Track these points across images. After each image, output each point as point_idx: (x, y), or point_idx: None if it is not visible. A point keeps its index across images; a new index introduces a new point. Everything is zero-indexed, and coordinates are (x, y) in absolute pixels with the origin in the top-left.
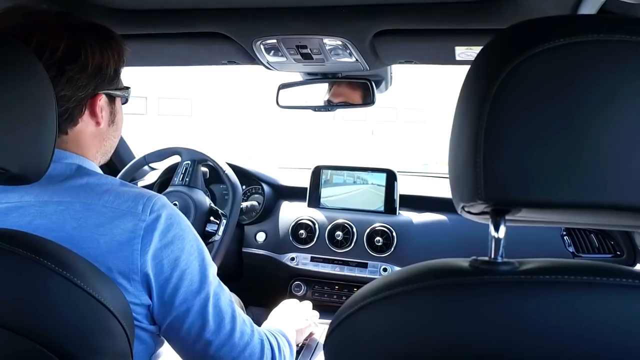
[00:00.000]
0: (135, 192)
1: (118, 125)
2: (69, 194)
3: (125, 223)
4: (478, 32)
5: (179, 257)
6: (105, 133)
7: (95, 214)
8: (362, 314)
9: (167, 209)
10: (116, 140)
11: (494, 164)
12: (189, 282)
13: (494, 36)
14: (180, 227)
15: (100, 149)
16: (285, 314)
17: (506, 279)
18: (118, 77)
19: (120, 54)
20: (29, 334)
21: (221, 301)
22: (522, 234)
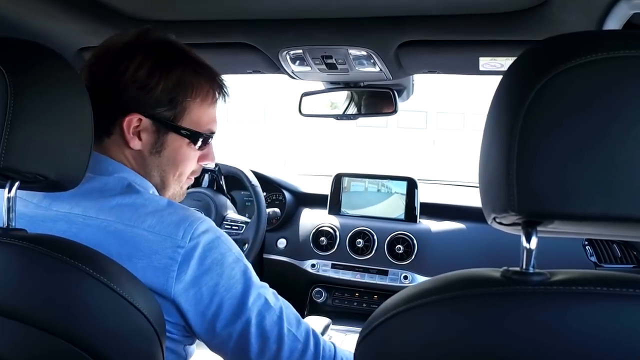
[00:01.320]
0: (179, 215)
1: (170, 160)
2: (113, 213)
3: (164, 249)
4: (503, 43)
5: (218, 283)
6: (147, 159)
7: (136, 238)
8: (393, 322)
9: (207, 235)
10: (172, 178)
11: (527, 175)
12: (228, 306)
13: (522, 47)
14: (219, 252)
15: (148, 175)
16: None
17: (538, 290)
18: (174, 106)
19: (182, 84)
20: (66, 335)
21: (266, 321)
22: (544, 244)
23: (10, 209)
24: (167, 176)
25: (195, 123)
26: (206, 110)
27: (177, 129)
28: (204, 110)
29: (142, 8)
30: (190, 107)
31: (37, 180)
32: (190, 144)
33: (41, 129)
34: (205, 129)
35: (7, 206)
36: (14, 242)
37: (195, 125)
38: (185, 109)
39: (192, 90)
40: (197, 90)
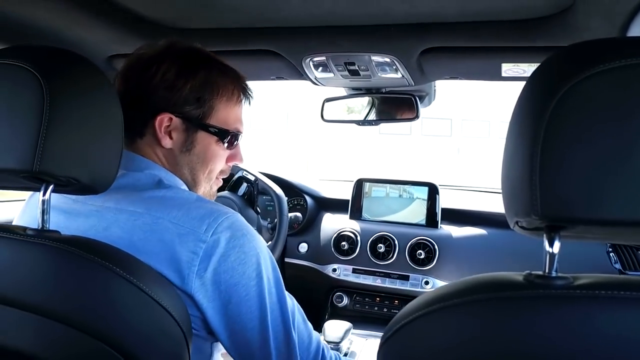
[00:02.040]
0: (205, 209)
1: (199, 157)
2: (142, 205)
3: (186, 242)
4: (525, 49)
5: (238, 283)
6: (178, 157)
7: (161, 229)
8: (415, 325)
9: (230, 230)
10: (202, 175)
11: (550, 180)
12: (247, 308)
13: (545, 53)
14: (243, 250)
15: (179, 172)
16: None
17: (561, 294)
18: (201, 105)
19: (208, 84)
20: (95, 333)
21: (280, 326)
22: (566, 251)
23: (44, 211)
24: (197, 174)
25: (223, 121)
26: (232, 109)
27: (205, 126)
28: (230, 109)
29: (170, 17)
30: (217, 106)
31: (70, 184)
32: (219, 142)
33: (75, 133)
34: (232, 127)
35: (42, 208)
36: (48, 243)
37: (223, 124)
38: (212, 108)
39: (218, 89)
40: (222, 90)
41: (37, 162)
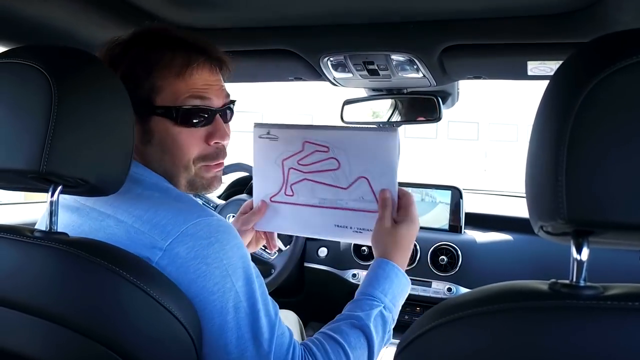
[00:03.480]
0: (174, 212)
1: (162, 146)
2: (112, 206)
3: (143, 249)
4: (552, 46)
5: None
6: (144, 152)
7: (121, 233)
8: (433, 334)
9: (194, 239)
10: (173, 166)
11: (578, 181)
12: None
13: (573, 50)
14: (205, 262)
15: (152, 167)
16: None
17: (590, 304)
18: (140, 87)
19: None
20: (101, 339)
21: (250, 348)
22: (595, 256)
23: (52, 212)
24: (167, 165)
25: (171, 99)
26: (181, 80)
27: (152, 110)
28: (175, 82)
29: (185, 17)
30: (159, 84)
31: (78, 185)
32: (174, 123)
33: (83, 134)
34: (183, 101)
35: (50, 210)
36: (55, 245)
37: (172, 101)
38: (154, 87)
39: (154, 64)
40: (159, 63)
41: (45, 163)
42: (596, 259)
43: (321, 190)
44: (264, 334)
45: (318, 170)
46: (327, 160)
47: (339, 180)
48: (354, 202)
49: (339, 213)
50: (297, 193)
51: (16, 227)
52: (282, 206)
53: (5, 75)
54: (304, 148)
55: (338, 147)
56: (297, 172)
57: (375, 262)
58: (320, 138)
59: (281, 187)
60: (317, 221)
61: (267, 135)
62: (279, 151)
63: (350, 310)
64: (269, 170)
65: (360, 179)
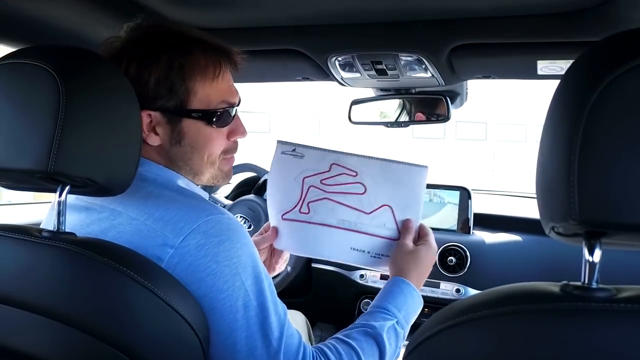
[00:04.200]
0: (186, 210)
1: (193, 147)
2: (123, 203)
3: (154, 247)
4: (563, 45)
5: (206, 295)
6: (170, 152)
7: (132, 231)
8: (442, 336)
9: (204, 236)
10: (201, 163)
11: (590, 181)
12: (214, 322)
13: (584, 49)
14: (215, 260)
15: (176, 167)
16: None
17: (602, 307)
18: (174, 93)
19: (173, 68)
20: (108, 339)
21: (260, 347)
22: (608, 257)
23: (60, 212)
24: (195, 163)
25: (205, 102)
26: (212, 85)
27: (187, 113)
28: (209, 85)
29: (193, 17)
30: (193, 88)
31: (86, 185)
32: (208, 124)
33: (91, 134)
34: (217, 104)
35: (58, 210)
36: (63, 245)
37: (206, 104)
38: (189, 92)
39: (187, 70)
40: (192, 69)
41: (52, 163)
42: (608, 261)
43: (342, 211)
44: (274, 332)
45: (342, 192)
46: (354, 184)
47: (363, 205)
48: (375, 227)
49: (357, 236)
50: (313, 211)
51: (24, 227)
52: (294, 224)
53: (13, 76)
54: (330, 169)
55: (367, 173)
56: (318, 191)
57: (392, 279)
58: (350, 163)
59: (296, 204)
60: (332, 242)
61: (292, 153)
62: (302, 169)
63: (365, 320)
64: (287, 186)
65: (384, 207)
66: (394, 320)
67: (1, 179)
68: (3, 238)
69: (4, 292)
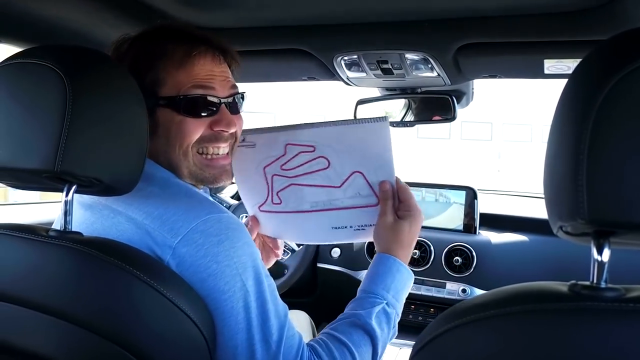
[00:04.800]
0: (185, 209)
1: (166, 137)
2: (125, 203)
3: (154, 247)
4: (570, 43)
5: (208, 296)
6: (151, 145)
7: (131, 230)
8: (449, 336)
9: (204, 236)
10: (176, 156)
11: (599, 180)
12: (217, 322)
13: (592, 47)
14: (215, 260)
15: (157, 161)
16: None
17: (612, 307)
18: (144, 80)
19: (141, 55)
20: (114, 338)
21: (262, 349)
22: (617, 257)
23: (67, 212)
24: (170, 155)
25: (176, 89)
26: (182, 70)
27: (157, 101)
28: (178, 72)
29: (198, 17)
30: (162, 74)
31: (92, 184)
32: (177, 112)
33: (98, 133)
34: (187, 90)
35: (64, 209)
36: (69, 244)
37: (176, 91)
38: (158, 79)
39: (155, 56)
40: (160, 55)
41: (59, 162)
42: (615, 260)
43: (311, 193)
44: (273, 334)
45: (305, 173)
46: (315, 160)
47: (331, 179)
48: (350, 199)
49: (335, 214)
50: (284, 200)
51: (31, 226)
52: (272, 215)
53: (20, 75)
54: (286, 151)
55: (325, 144)
56: (282, 178)
57: (377, 257)
58: (303, 138)
59: (267, 196)
60: (311, 227)
61: (243, 143)
62: (259, 159)
63: (352, 309)
64: (251, 179)
65: (354, 174)
66: (382, 302)
67: (8, 179)
68: (10, 237)
69: (11, 291)
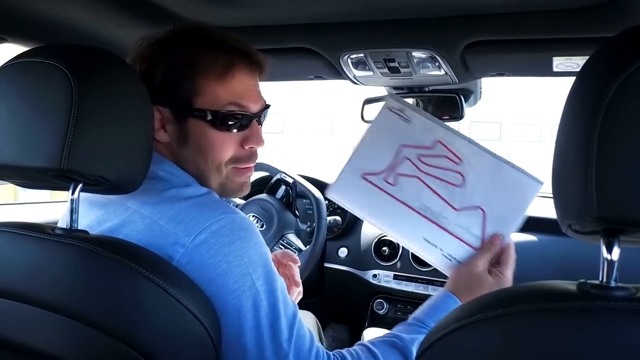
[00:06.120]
0: (199, 209)
1: (197, 148)
2: (138, 201)
3: (165, 246)
4: (579, 41)
5: (216, 295)
6: (177, 152)
7: (143, 228)
8: (456, 336)
9: (216, 236)
10: (206, 167)
11: (609, 177)
12: (224, 321)
13: (602, 44)
14: (226, 260)
15: (184, 167)
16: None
17: (621, 306)
18: (180, 89)
19: (179, 64)
20: (120, 336)
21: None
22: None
23: (73, 210)
24: (200, 166)
25: (212, 102)
26: (222, 84)
27: (191, 112)
28: (218, 85)
29: (205, 15)
30: (200, 86)
31: (99, 183)
32: (212, 127)
33: (104, 132)
34: (224, 106)
35: (70, 207)
36: (75, 243)
37: (211, 104)
38: (195, 89)
39: (195, 66)
40: (201, 66)
41: (65, 161)
42: (626, 259)
43: (429, 197)
44: (283, 334)
45: (436, 177)
46: (453, 172)
47: (454, 198)
48: (458, 227)
49: (435, 229)
50: (399, 186)
51: (37, 224)
52: (373, 189)
53: (27, 74)
54: (434, 147)
55: (472, 165)
56: (413, 167)
57: (444, 293)
58: (458, 147)
59: (383, 170)
60: (406, 223)
61: (399, 112)
62: (404, 135)
63: (398, 331)
64: (380, 147)
65: (477, 209)
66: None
67: (15, 177)
68: (16, 235)
69: (17, 289)
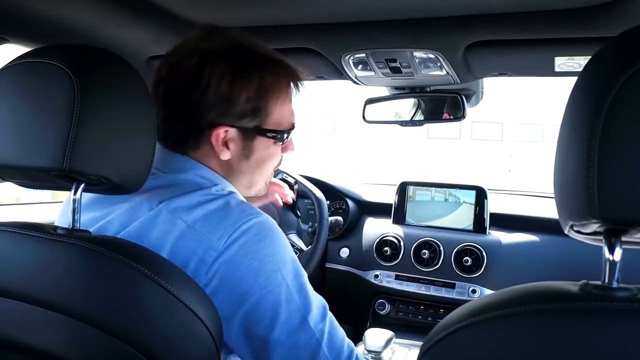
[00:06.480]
0: (230, 214)
1: (258, 162)
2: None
3: (197, 249)
4: (581, 41)
5: (248, 292)
6: (235, 166)
7: (175, 230)
8: (458, 336)
9: (246, 235)
10: (260, 177)
11: (611, 177)
12: (258, 317)
13: (603, 44)
14: (256, 257)
15: (235, 179)
16: None
17: (624, 307)
18: (258, 114)
19: (262, 91)
20: (123, 337)
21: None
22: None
23: (75, 210)
24: (255, 177)
25: (278, 122)
26: (286, 107)
27: (262, 132)
28: (283, 108)
29: (206, 16)
30: (272, 109)
31: (101, 183)
32: (276, 142)
33: (106, 132)
34: (287, 125)
35: (72, 207)
36: (78, 243)
37: (278, 125)
38: (267, 112)
39: (272, 93)
40: (276, 92)
41: (67, 160)
42: (629, 260)
43: None
44: (318, 325)
45: None
46: None
47: None
48: None
49: None
50: None
51: (39, 224)
52: None
53: (29, 74)
54: None
55: None
56: None
57: None
58: None
59: None
60: None
61: None
62: None
63: None
64: None
65: None
66: None
67: (18, 177)
68: (18, 235)
69: (19, 289)
